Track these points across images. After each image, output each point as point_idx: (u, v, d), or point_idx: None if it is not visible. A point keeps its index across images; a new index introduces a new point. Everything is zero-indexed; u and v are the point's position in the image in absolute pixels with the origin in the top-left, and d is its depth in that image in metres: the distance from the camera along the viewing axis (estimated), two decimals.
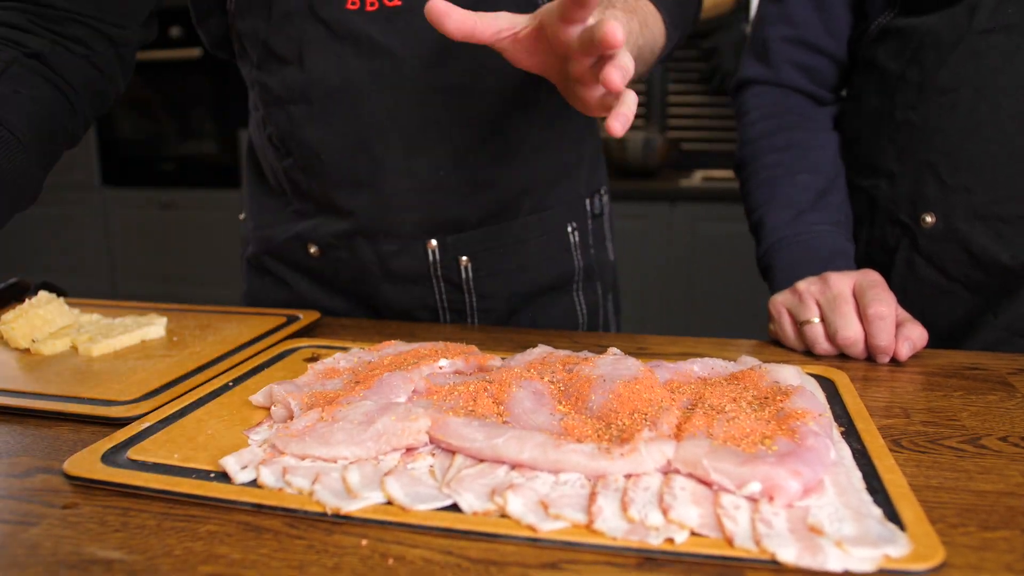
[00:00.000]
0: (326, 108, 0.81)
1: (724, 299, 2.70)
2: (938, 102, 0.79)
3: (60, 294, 0.87)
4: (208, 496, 0.46)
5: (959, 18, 0.77)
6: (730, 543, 0.39)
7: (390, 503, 0.44)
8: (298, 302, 0.94)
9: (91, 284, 3.66)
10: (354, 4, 0.78)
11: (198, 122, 3.42)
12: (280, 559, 0.40)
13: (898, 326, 0.71)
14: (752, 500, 0.42)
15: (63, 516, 0.45)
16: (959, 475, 0.48)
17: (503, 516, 0.42)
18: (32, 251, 3.71)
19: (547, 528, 0.41)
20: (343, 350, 0.71)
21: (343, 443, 0.49)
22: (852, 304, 0.71)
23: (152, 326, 0.78)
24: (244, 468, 0.48)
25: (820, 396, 0.59)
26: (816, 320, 0.73)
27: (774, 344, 0.79)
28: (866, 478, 0.46)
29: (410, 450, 0.50)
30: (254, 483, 0.47)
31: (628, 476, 0.45)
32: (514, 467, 0.47)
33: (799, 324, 0.74)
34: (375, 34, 0.78)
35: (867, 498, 0.43)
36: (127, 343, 0.76)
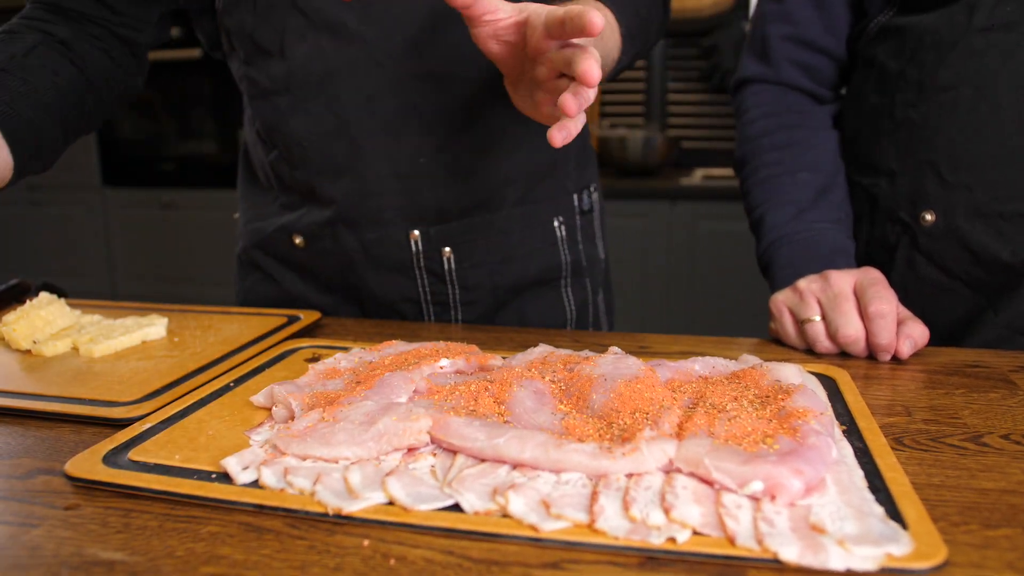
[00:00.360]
0: (307, 97, 0.83)
1: (725, 298, 2.70)
2: (938, 100, 0.79)
3: (61, 295, 0.87)
4: (209, 497, 0.46)
5: (958, 16, 0.76)
6: (732, 542, 0.39)
7: (391, 503, 0.44)
8: (285, 297, 0.95)
9: (91, 284, 3.65)
10: None
11: (198, 122, 3.42)
12: (282, 560, 0.40)
13: (899, 324, 0.71)
14: (754, 499, 0.42)
15: (65, 517, 0.45)
16: (961, 473, 0.48)
17: (505, 516, 0.42)
18: (32, 251, 3.71)
19: (549, 528, 0.41)
20: (344, 350, 0.71)
21: (344, 443, 0.49)
22: (853, 302, 0.71)
23: (153, 327, 0.78)
24: (245, 469, 0.48)
25: (821, 394, 0.59)
26: (817, 318, 0.73)
27: (775, 343, 0.79)
28: (868, 476, 0.46)
29: (411, 450, 0.50)
30: (255, 484, 0.47)
31: (630, 475, 0.45)
32: (516, 467, 0.47)
33: (800, 322, 0.75)
34: (350, 22, 0.80)
35: (869, 496, 0.43)
36: (128, 344, 0.76)
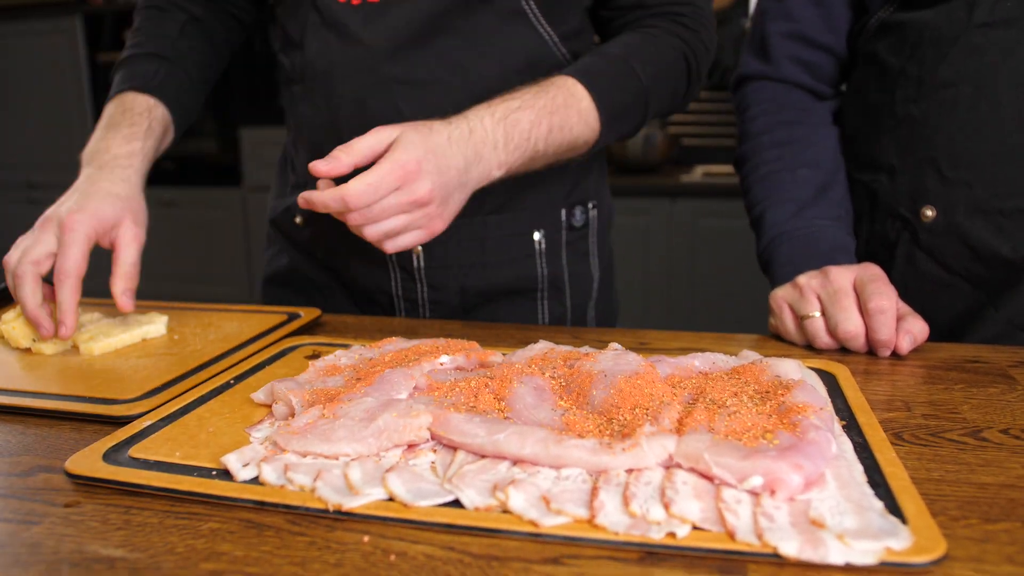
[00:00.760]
0: (312, 89, 0.90)
1: (725, 294, 2.70)
2: (938, 97, 0.79)
3: None
4: (210, 494, 0.46)
5: (958, 12, 0.76)
6: (732, 537, 0.39)
7: (392, 499, 0.44)
8: (294, 272, 1.02)
9: (91, 282, 3.64)
10: None
11: (199, 121, 3.40)
12: (282, 556, 0.40)
13: (899, 320, 0.71)
14: (754, 494, 0.42)
15: (65, 515, 0.45)
16: (960, 468, 0.48)
17: (505, 512, 0.42)
18: None
19: (549, 523, 0.41)
20: (344, 347, 0.71)
21: (344, 440, 0.49)
22: (853, 298, 0.71)
23: (153, 324, 0.78)
24: (246, 466, 0.48)
25: (821, 390, 0.59)
26: (817, 314, 0.73)
27: (775, 338, 0.79)
28: (867, 471, 0.46)
29: (411, 446, 0.50)
30: (256, 480, 0.47)
31: (630, 471, 0.45)
32: (516, 463, 0.47)
33: (800, 318, 0.75)
34: (353, 24, 0.85)
35: (869, 491, 0.43)
36: (128, 341, 0.76)
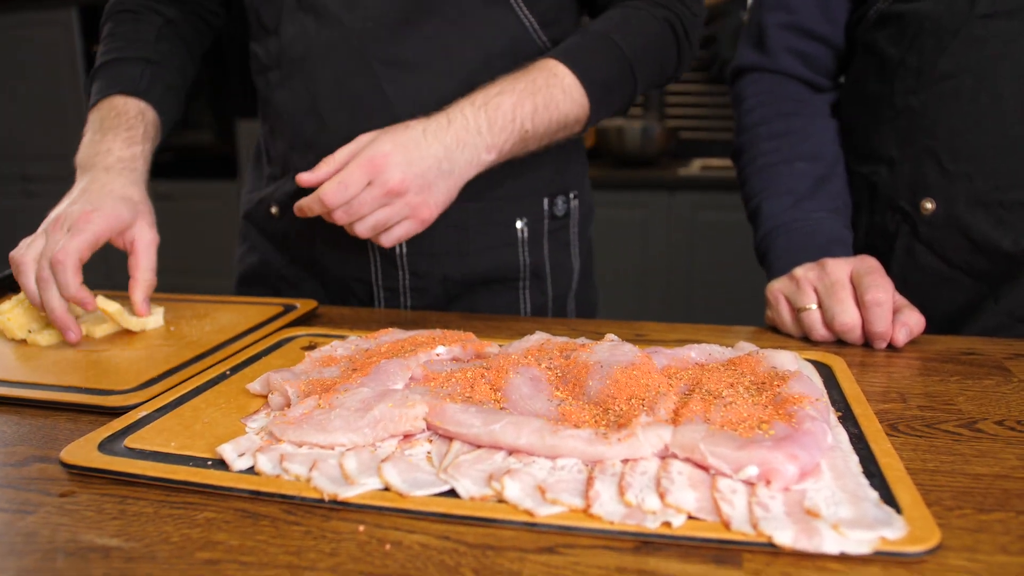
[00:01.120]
0: (291, 74, 0.89)
1: (722, 287, 2.70)
2: (939, 88, 0.78)
3: None
4: (205, 483, 0.46)
5: (959, 3, 0.76)
6: (727, 526, 0.39)
7: (387, 489, 0.44)
8: (264, 268, 1.00)
9: (87, 274, 3.62)
10: None
11: (196, 113, 3.41)
12: (278, 545, 0.40)
13: (895, 312, 0.71)
14: (749, 484, 0.42)
15: (60, 504, 0.45)
16: (955, 458, 0.49)
17: (500, 501, 0.42)
18: None
19: (544, 513, 0.41)
20: (340, 338, 0.71)
21: (340, 430, 0.49)
22: (849, 290, 0.71)
23: (149, 316, 0.78)
24: (241, 455, 0.48)
25: (817, 381, 0.59)
26: (813, 307, 0.73)
27: (772, 330, 0.79)
28: (863, 462, 0.46)
29: (407, 436, 0.50)
30: (251, 470, 0.47)
31: (625, 461, 0.45)
32: (511, 453, 0.47)
33: (796, 310, 0.74)
34: (331, 5, 0.84)
35: (864, 481, 0.43)
36: (127, 325, 0.77)
